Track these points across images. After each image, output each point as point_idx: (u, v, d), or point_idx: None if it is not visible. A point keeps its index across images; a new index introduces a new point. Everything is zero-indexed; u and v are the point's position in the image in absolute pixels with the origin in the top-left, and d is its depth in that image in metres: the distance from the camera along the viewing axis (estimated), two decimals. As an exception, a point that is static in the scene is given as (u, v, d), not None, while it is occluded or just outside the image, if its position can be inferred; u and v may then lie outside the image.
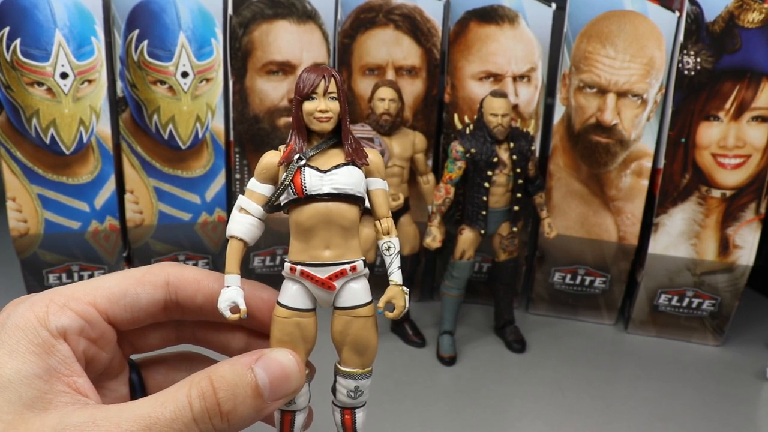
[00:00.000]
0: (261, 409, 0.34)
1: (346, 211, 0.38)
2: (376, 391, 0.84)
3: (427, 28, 0.95)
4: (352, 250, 0.39)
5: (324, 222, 0.38)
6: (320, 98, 0.38)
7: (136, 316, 0.37)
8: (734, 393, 0.89)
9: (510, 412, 0.83)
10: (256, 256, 1.06)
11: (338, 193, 0.37)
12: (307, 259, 0.38)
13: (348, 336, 0.39)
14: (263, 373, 0.34)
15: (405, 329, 0.98)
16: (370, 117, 0.90)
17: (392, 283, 0.40)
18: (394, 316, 0.40)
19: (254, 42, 0.95)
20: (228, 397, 0.33)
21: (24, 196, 0.93)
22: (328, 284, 0.38)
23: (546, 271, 1.05)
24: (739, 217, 0.93)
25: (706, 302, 0.99)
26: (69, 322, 0.34)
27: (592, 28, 0.92)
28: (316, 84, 0.37)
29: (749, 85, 0.88)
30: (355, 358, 0.40)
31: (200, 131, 0.98)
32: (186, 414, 0.32)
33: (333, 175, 0.38)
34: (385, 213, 0.40)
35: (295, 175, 0.37)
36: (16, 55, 0.86)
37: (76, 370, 0.33)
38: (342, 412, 0.42)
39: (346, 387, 0.40)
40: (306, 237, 0.38)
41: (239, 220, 0.39)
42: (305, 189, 0.37)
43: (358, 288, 0.39)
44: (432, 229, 0.90)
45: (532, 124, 0.97)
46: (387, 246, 0.40)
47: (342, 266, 0.38)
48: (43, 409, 0.31)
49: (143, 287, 0.37)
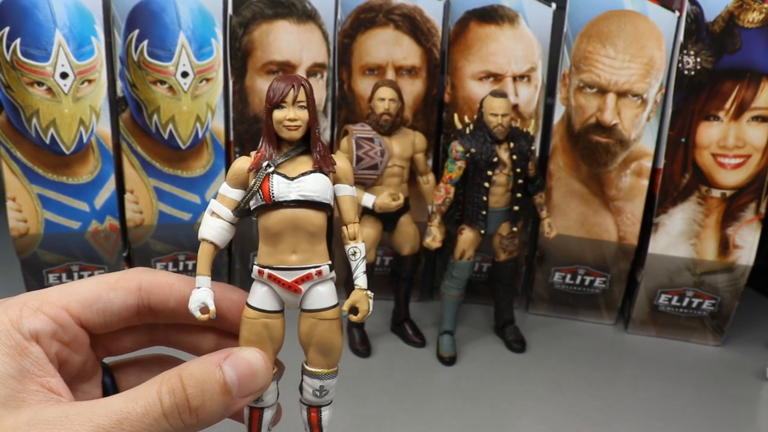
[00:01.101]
0: (229, 405, 0.35)
1: (313, 217, 0.39)
2: (376, 391, 0.85)
3: (427, 28, 0.95)
4: (318, 255, 0.40)
5: (291, 227, 0.39)
6: (289, 107, 0.39)
7: (108, 321, 0.38)
8: (734, 393, 0.89)
9: (510, 412, 0.83)
10: (255, 256, 1.06)
11: (305, 199, 0.39)
12: (274, 262, 0.39)
13: (314, 337, 0.40)
14: (231, 370, 0.35)
15: (405, 329, 0.98)
16: (370, 117, 0.90)
17: (357, 287, 0.41)
18: (358, 320, 0.41)
19: (254, 42, 0.95)
20: (197, 393, 0.34)
21: (24, 196, 0.93)
22: (295, 287, 0.40)
23: (546, 271, 1.05)
24: (739, 217, 0.93)
25: (706, 302, 0.99)
26: (41, 326, 0.35)
27: (592, 28, 0.92)
28: (285, 93, 0.39)
29: (749, 85, 0.88)
30: (320, 359, 0.41)
31: (200, 131, 0.98)
32: (156, 409, 0.33)
33: (300, 183, 0.39)
34: (352, 218, 0.42)
35: (264, 181, 0.39)
36: (16, 55, 0.86)
37: (49, 371, 0.34)
38: (308, 410, 0.43)
39: (311, 386, 0.42)
40: (274, 241, 0.39)
41: (210, 224, 0.40)
42: (273, 195, 0.38)
43: (323, 291, 0.40)
44: (432, 229, 0.90)
45: (532, 124, 0.97)
46: (353, 251, 0.41)
47: (308, 270, 0.39)
48: (17, 407, 0.32)
49: (116, 292, 0.38)
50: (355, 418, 0.79)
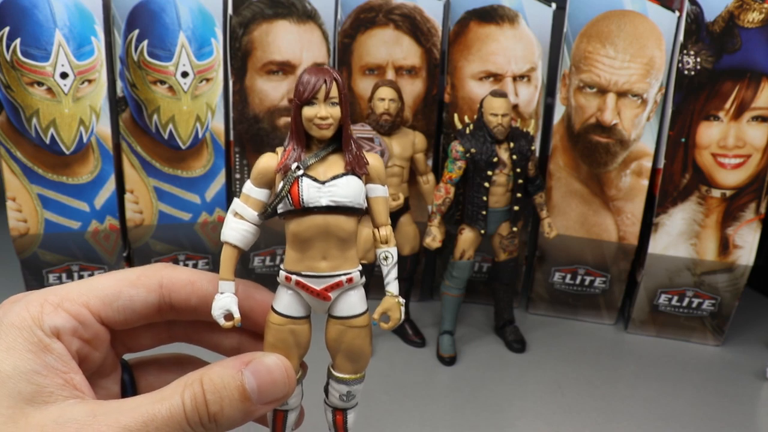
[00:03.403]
0: (250, 412, 0.35)
1: (344, 223, 0.37)
2: (376, 391, 0.85)
3: (427, 28, 0.95)
4: (348, 261, 0.38)
5: (322, 234, 0.37)
6: (321, 104, 0.36)
7: (129, 318, 0.38)
8: (734, 393, 0.89)
9: (510, 412, 0.83)
10: (256, 256, 1.06)
11: (336, 205, 0.37)
12: (303, 269, 0.38)
13: (342, 344, 0.39)
14: (252, 377, 0.35)
15: (405, 329, 0.98)
16: (370, 117, 0.90)
17: (388, 294, 0.39)
18: (389, 328, 0.39)
19: (254, 42, 0.95)
20: (215, 399, 0.34)
21: (24, 195, 0.93)
22: (324, 295, 0.38)
23: (546, 271, 1.05)
24: (739, 217, 0.93)
25: (706, 302, 0.99)
26: (62, 323, 0.34)
27: (592, 27, 0.92)
28: (317, 88, 0.36)
29: (749, 85, 0.88)
30: (348, 365, 0.40)
31: (200, 131, 0.98)
32: (179, 413, 0.33)
33: (331, 187, 0.37)
34: (384, 221, 0.40)
35: (293, 185, 0.36)
36: (16, 55, 0.86)
37: (72, 367, 0.34)
38: (334, 413, 0.42)
39: (338, 391, 0.41)
40: (302, 248, 0.37)
41: (234, 226, 0.38)
42: (302, 201, 0.36)
43: (353, 298, 0.39)
44: (432, 229, 0.90)
45: (532, 124, 0.97)
46: (385, 256, 0.40)
47: (338, 278, 0.38)
48: (43, 403, 0.32)
49: (137, 290, 0.37)
50: (355, 418, 0.79)
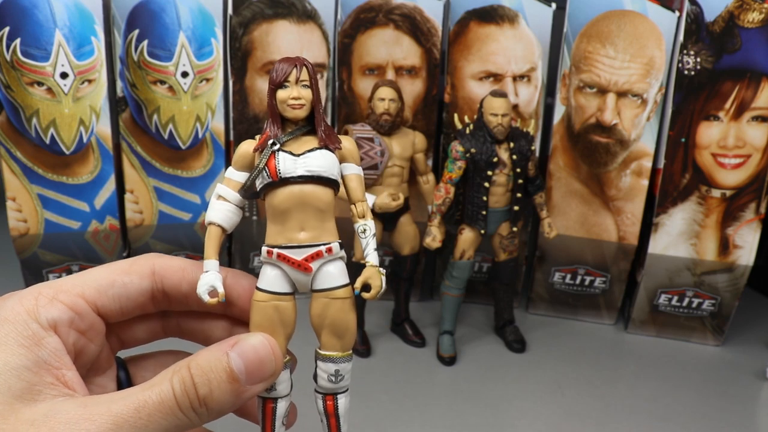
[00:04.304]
0: (239, 393, 0.35)
1: (321, 193, 0.39)
2: (376, 391, 0.85)
3: (427, 28, 0.95)
4: (327, 232, 0.39)
5: (299, 204, 0.39)
6: (292, 86, 0.39)
7: (124, 306, 0.38)
8: (734, 393, 0.89)
9: (510, 412, 0.83)
10: (256, 257, 1.06)
11: (312, 175, 0.39)
12: (283, 241, 0.39)
13: (326, 319, 0.40)
14: (238, 357, 0.35)
15: (405, 329, 0.98)
16: (370, 117, 0.90)
17: (368, 264, 0.40)
18: (371, 297, 0.40)
19: (254, 42, 0.95)
20: (203, 382, 0.34)
21: (24, 195, 0.93)
22: (305, 266, 0.39)
23: (546, 271, 1.05)
24: (739, 217, 0.93)
25: (706, 302, 0.99)
26: (59, 314, 0.34)
27: (592, 28, 0.92)
28: (288, 72, 0.39)
29: (749, 85, 0.88)
30: (334, 341, 0.40)
31: (200, 131, 0.98)
32: (170, 398, 0.33)
33: (306, 158, 0.39)
34: (360, 197, 0.41)
35: (270, 159, 0.39)
36: (16, 55, 0.86)
37: (65, 363, 0.34)
38: (324, 398, 0.42)
39: (326, 371, 0.41)
40: (281, 219, 0.39)
41: (218, 207, 0.40)
42: (279, 172, 0.38)
43: (334, 270, 0.40)
44: (432, 229, 0.90)
45: (532, 124, 0.97)
46: (363, 228, 0.41)
47: (318, 248, 0.39)
48: (33, 400, 0.32)
49: (130, 277, 0.38)
50: (355, 418, 0.79)
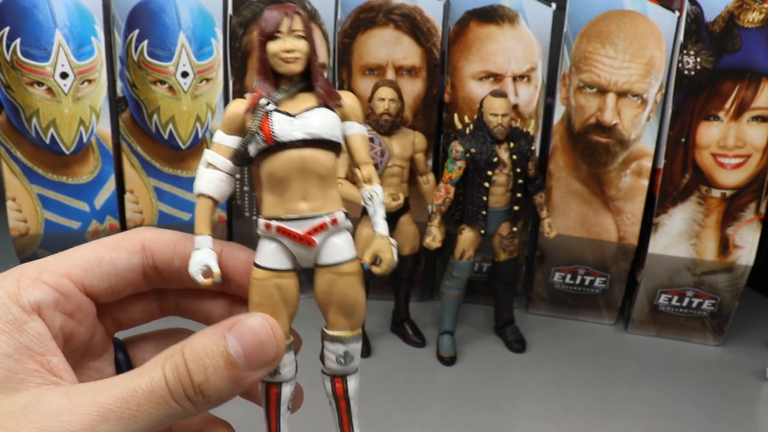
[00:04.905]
0: (238, 380, 0.32)
1: (322, 158, 0.35)
2: (376, 391, 0.85)
3: (427, 28, 0.95)
4: (331, 201, 0.35)
5: (298, 171, 0.34)
6: (285, 37, 0.35)
7: (114, 285, 0.35)
8: (734, 393, 0.89)
9: (510, 412, 0.83)
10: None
11: (312, 138, 0.34)
12: (282, 212, 0.35)
13: (333, 295, 0.36)
14: (235, 341, 0.32)
15: (405, 329, 0.98)
16: (370, 117, 0.90)
17: (378, 234, 0.36)
18: (382, 271, 0.36)
19: (254, 42, 0.95)
20: (198, 368, 0.31)
21: (24, 196, 0.93)
22: (308, 239, 0.35)
23: (546, 271, 1.05)
24: (739, 217, 0.93)
25: (706, 302, 0.99)
26: (42, 296, 0.32)
27: (592, 27, 0.92)
28: (279, 22, 0.35)
29: (749, 85, 0.88)
30: (342, 320, 0.37)
31: (200, 131, 0.98)
32: (161, 386, 0.30)
33: (304, 119, 0.35)
34: (365, 159, 0.37)
35: (263, 121, 0.34)
36: (16, 55, 0.86)
37: (50, 348, 0.31)
38: (332, 380, 0.38)
39: (334, 352, 0.37)
40: (280, 189, 0.35)
41: (207, 176, 0.36)
42: (274, 135, 0.34)
43: (340, 242, 0.36)
44: (432, 229, 0.90)
45: (532, 124, 0.97)
46: (370, 195, 0.37)
47: (321, 219, 0.35)
48: (13, 390, 0.30)
49: (118, 252, 0.35)
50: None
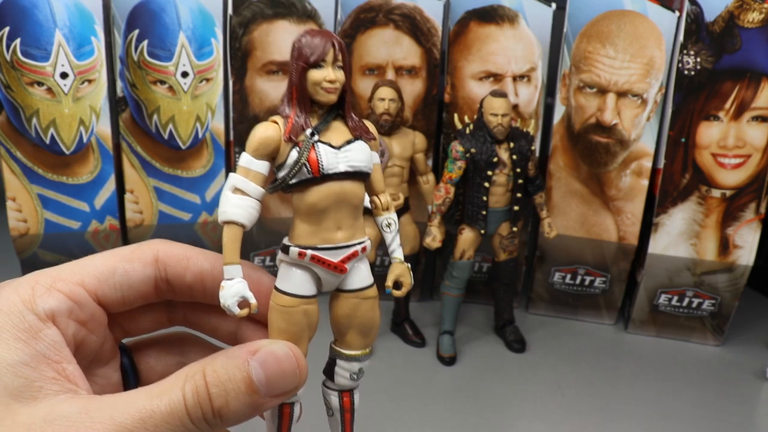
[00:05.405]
0: (257, 406, 0.32)
1: (358, 190, 0.36)
2: (376, 391, 0.85)
3: (427, 28, 0.95)
4: (360, 230, 0.37)
5: (337, 202, 0.35)
6: (329, 66, 0.35)
7: (126, 296, 0.36)
8: (734, 393, 0.89)
9: (510, 412, 0.83)
10: (256, 256, 1.06)
11: (354, 171, 0.35)
12: (318, 242, 0.36)
13: (356, 319, 0.38)
14: (259, 368, 0.32)
15: (405, 329, 0.98)
16: (370, 117, 0.90)
17: (396, 260, 0.38)
18: (402, 294, 0.39)
19: (254, 42, 0.95)
20: (219, 392, 0.31)
21: (24, 195, 0.93)
22: (341, 268, 0.36)
23: (546, 271, 1.05)
24: (739, 217, 0.93)
25: (706, 302, 0.99)
26: (57, 304, 0.32)
27: (592, 27, 0.92)
28: (326, 51, 0.35)
29: (749, 85, 0.88)
30: (359, 340, 0.38)
31: (200, 131, 0.98)
32: (180, 408, 0.30)
33: (347, 152, 0.35)
34: (382, 188, 0.39)
35: (310, 152, 0.35)
36: (16, 55, 0.86)
37: (65, 356, 0.31)
38: (340, 396, 0.40)
39: (349, 370, 0.39)
40: (317, 219, 0.35)
41: (237, 203, 0.35)
42: (322, 168, 0.34)
43: (364, 269, 0.38)
44: (432, 229, 0.90)
45: (532, 124, 0.97)
46: (388, 223, 0.38)
47: (354, 248, 0.36)
48: (32, 398, 0.29)
49: (132, 264, 0.35)
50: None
